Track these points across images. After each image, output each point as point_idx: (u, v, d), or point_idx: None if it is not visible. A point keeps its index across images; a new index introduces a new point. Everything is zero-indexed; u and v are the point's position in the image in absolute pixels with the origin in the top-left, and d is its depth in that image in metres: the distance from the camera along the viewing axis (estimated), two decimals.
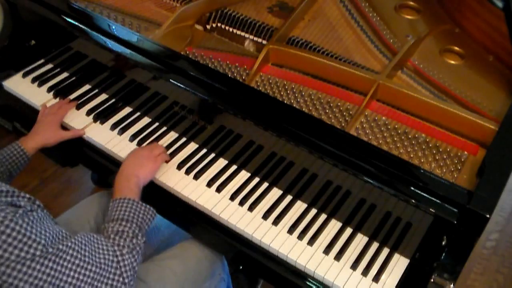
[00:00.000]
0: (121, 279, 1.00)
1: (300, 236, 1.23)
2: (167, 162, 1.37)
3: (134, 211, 1.13)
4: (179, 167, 1.36)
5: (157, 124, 1.47)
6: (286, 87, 1.39)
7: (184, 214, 1.32)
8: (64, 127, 1.47)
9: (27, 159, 1.35)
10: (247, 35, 1.52)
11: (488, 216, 1.02)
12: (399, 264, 1.19)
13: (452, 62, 1.43)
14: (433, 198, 1.09)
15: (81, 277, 0.93)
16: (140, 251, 1.08)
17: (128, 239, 1.07)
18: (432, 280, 1.06)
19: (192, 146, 1.42)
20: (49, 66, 1.65)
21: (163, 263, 1.30)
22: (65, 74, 1.63)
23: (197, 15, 1.58)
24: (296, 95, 1.37)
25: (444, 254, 1.08)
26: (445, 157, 1.22)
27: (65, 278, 0.90)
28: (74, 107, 1.51)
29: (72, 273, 0.92)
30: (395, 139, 1.27)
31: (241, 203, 1.29)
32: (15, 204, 0.88)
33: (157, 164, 1.31)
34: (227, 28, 1.55)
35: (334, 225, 1.26)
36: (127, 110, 1.51)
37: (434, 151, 1.24)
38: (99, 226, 1.37)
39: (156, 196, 1.33)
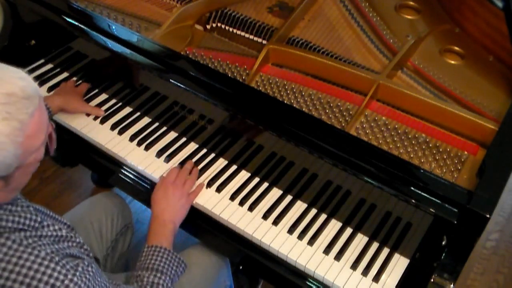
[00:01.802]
0: None
1: (300, 236, 1.23)
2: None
3: (169, 262, 1.14)
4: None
5: (157, 124, 1.47)
6: (286, 87, 1.39)
7: None
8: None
9: (51, 116, 1.39)
10: (247, 35, 1.52)
11: (488, 216, 1.02)
12: (399, 264, 1.19)
13: (452, 62, 1.43)
14: (433, 198, 1.09)
15: None
16: None
17: None
18: (432, 280, 1.06)
19: (192, 146, 1.42)
20: (49, 66, 1.65)
21: None
22: (65, 74, 1.63)
23: (197, 15, 1.58)
24: (296, 95, 1.37)
25: (444, 254, 1.08)
26: (445, 157, 1.22)
27: None
28: (88, 87, 1.55)
29: None
30: (395, 139, 1.27)
31: (241, 203, 1.29)
32: (72, 254, 0.89)
33: (189, 203, 1.28)
34: (227, 28, 1.55)
35: (334, 225, 1.26)
36: (127, 110, 1.51)
37: (434, 151, 1.24)
38: (101, 228, 1.37)
39: None
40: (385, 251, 1.21)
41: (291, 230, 1.24)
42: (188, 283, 1.26)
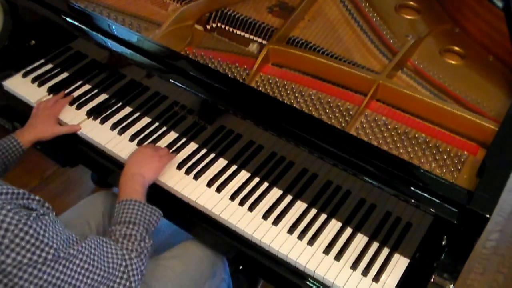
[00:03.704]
0: (128, 283, 1.01)
1: (300, 236, 1.23)
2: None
3: (140, 213, 1.13)
4: (179, 167, 1.36)
5: (157, 124, 1.47)
6: (286, 87, 1.39)
7: (184, 214, 1.32)
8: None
9: (22, 151, 1.36)
10: (247, 35, 1.52)
11: (488, 216, 1.02)
12: (399, 264, 1.19)
13: (452, 62, 1.43)
14: (433, 198, 1.09)
15: (89, 281, 0.94)
16: (148, 254, 1.09)
17: (136, 242, 1.07)
18: (432, 280, 1.06)
19: (192, 146, 1.42)
20: (49, 66, 1.65)
21: (164, 263, 1.29)
22: (65, 74, 1.63)
23: (197, 15, 1.58)
24: (296, 95, 1.37)
25: (444, 254, 1.08)
26: (445, 157, 1.22)
27: (73, 282, 0.92)
28: (69, 101, 1.51)
29: (81, 277, 0.93)
30: (395, 139, 1.27)
31: (241, 203, 1.29)
32: (28, 206, 0.89)
33: (162, 162, 1.29)
34: (227, 28, 1.55)
35: (334, 225, 1.26)
36: (127, 110, 1.51)
37: (434, 151, 1.24)
38: (99, 226, 1.37)
39: (156, 196, 1.33)
40: (385, 251, 1.21)
41: (291, 230, 1.24)
42: (184, 274, 1.27)
